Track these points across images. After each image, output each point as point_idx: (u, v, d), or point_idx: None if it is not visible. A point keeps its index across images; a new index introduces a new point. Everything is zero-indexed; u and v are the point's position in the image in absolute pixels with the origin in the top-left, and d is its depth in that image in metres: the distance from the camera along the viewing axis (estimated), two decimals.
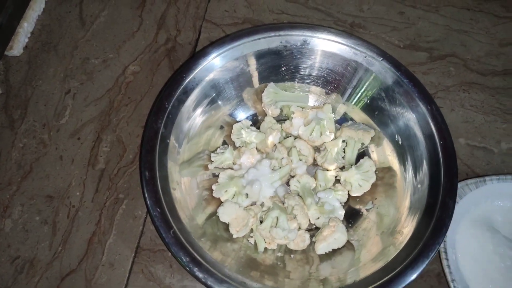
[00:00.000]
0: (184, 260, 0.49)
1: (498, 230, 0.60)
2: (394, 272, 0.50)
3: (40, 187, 0.63)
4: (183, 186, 0.59)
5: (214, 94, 0.63)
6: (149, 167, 0.54)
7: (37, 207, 0.62)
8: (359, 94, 0.65)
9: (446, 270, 0.56)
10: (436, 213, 0.53)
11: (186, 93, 0.60)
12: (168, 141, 0.57)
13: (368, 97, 0.64)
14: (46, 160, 0.65)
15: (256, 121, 0.69)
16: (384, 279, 0.49)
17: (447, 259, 0.57)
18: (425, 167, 0.57)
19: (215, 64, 0.61)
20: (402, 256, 0.52)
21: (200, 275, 0.49)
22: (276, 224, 0.57)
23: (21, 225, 0.61)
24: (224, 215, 0.57)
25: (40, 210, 0.62)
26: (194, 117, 0.62)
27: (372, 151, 0.66)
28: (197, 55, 0.61)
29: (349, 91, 0.66)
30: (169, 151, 0.57)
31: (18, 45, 0.72)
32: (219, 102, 0.64)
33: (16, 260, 0.59)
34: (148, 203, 0.52)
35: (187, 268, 0.49)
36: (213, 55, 0.61)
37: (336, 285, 0.53)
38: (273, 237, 0.56)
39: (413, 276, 0.50)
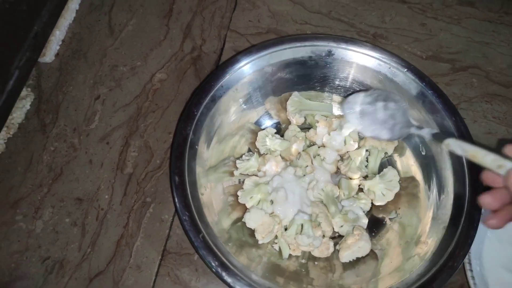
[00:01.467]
0: (213, 264, 0.50)
1: None
2: (419, 283, 0.51)
3: (70, 190, 0.65)
4: (210, 192, 0.60)
5: (241, 102, 0.64)
6: (178, 172, 0.55)
7: (67, 209, 0.64)
8: None
9: (471, 282, 0.57)
10: (461, 225, 0.53)
11: (214, 100, 0.61)
12: (196, 147, 0.59)
13: None
14: (76, 164, 0.67)
15: (279, 129, 0.70)
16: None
17: (471, 270, 0.57)
18: (449, 178, 0.58)
19: (243, 73, 0.63)
20: (427, 267, 0.52)
21: (229, 279, 0.50)
22: (301, 231, 0.58)
23: (51, 227, 0.63)
24: (251, 221, 0.58)
25: (70, 212, 0.64)
26: (221, 124, 0.63)
27: (395, 161, 0.66)
28: (225, 63, 0.63)
29: None
30: (197, 157, 0.58)
31: (50, 52, 0.75)
32: (245, 110, 0.66)
33: (46, 261, 0.60)
34: (178, 207, 0.53)
35: (216, 273, 0.50)
36: (240, 64, 0.63)
37: None
38: (298, 244, 0.57)
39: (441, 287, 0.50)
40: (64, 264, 0.60)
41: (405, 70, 0.63)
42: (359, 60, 0.65)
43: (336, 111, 0.69)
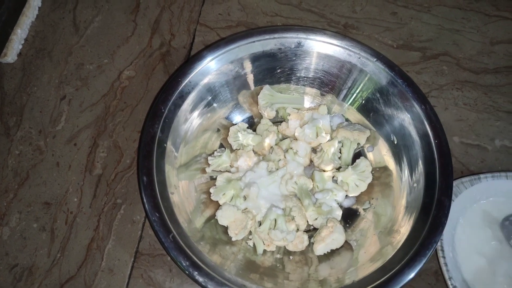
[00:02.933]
0: (184, 264, 0.49)
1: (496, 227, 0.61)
2: (392, 272, 0.51)
3: (37, 194, 0.63)
4: (181, 190, 0.59)
5: (210, 98, 0.63)
6: (146, 172, 0.54)
7: (34, 214, 0.62)
8: (354, 94, 0.66)
9: (444, 268, 0.57)
10: (432, 212, 0.53)
11: (182, 97, 0.60)
12: (165, 145, 0.57)
13: (363, 98, 0.65)
14: (43, 167, 0.65)
15: (252, 124, 0.69)
16: (382, 279, 0.50)
17: (444, 257, 0.57)
18: (420, 166, 0.58)
19: (211, 68, 0.62)
20: (400, 255, 0.53)
21: (200, 279, 0.49)
22: (275, 226, 0.57)
23: (19, 233, 0.61)
24: (223, 218, 0.57)
25: (38, 217, 0.62)
26: (190, 120, 0.62)
27: (368, 151, 0.66)
28: (192, 59, 0.61)
29: (344, 92, 0.66)
30: (166, 156, 0.57)
31: (12, 52, 0.72)
32: (215, 105, 0.65)
33: (14, 268, 0.59)
34: (147, 208, 0.52)
35: (187, 272, 0.49)
36: (208, 58, 0.61)
37: (335, 285, 0.53)
38: (272, 239, 0.56)
39: (411, 275, 0.50)
40: (33, 270, 0.59)
41: (375, 60, 0.62)
42: (328, 51, 0.64)
43: (308, 103, 0.68)
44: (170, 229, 0.51)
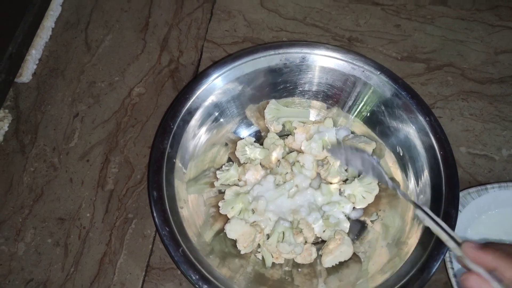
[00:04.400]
0: (194, 278, 0.51)
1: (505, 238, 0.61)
2: (400, 284, 0.51)
3: (51, 210, 0.65)
4: (190, 204, 0.60)
5: (217, 113, 0.65)
6: (157, 187, 0.55)
7: (49, 229, 0.64)
8: (359, 107, 0.66)
9: (453, 280, 0.57)
10: None
11: (191, 113, 0.62)
12: (174, 160, 0.59)
13: (368, 110, 0.66)
14: (57, 183, 0.67)
15: (259, 138, 0.70)
16: None
17: (452, 268, 0.57)
18: (426, 177, 0.59)
19: (217, 84, 0.63)
20: (408, 267, 0.53)
21: None
22: (283, 238, 0.58)
23: (33, 248, 0.62)
24: (231, 232, 0.58)
25: (52, 233, 0.63)
26: (199, 136, 0.63)
27: None
28: (199, 76, 0.63)
29: (349, 104, 0.67)
30: (175, 171, 0.59)
31: (27, 72, 0.75)
32: (223, 120, 0.66)
33: (29, 283, 0.60)
34: (157, 222, 0.53)
35: (197, 286, 0.50)
36: (215, 75, 0.63)
37: None
38: (280, 252, 0.57)
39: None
40: (48, 285, 0.60)
41: (379, 73, 0.63)
42: (333, 65, 0.65)
43: (313, 116, 0.70)
44: (180, 243, 0.53)
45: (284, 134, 0.70)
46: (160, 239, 0.52)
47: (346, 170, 0.66)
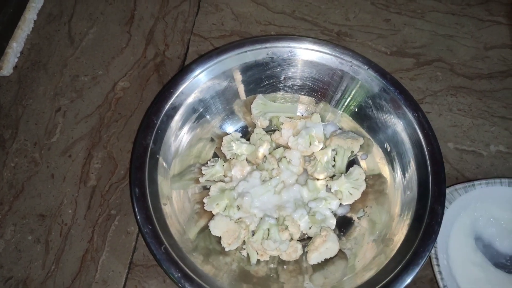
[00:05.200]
0: (176, 275, 0.49)
1: (482, 238, 0.60)
2: (384, 281, 0.51)
3: (32, 206, 0.63)
4: (174, 201, 0.59)
5: (202, 108, 0.63)
6: (139, 184, 0.54)
7: (29, 226, 0.62)
8: (347, 102, 0.66)
9: (438, 276, 0.57)
10: (425, 220, 0.53)
11: (175, 108, 0.60)
12: (158, 156, 0.58)
13: (356, 105, 0.65)
14: (38, 179, 0.65)
15: (246, 133, 0.69)
16: (377, 287, 0.49)
17: (438, 265, 0.57)
18: (413, 173, 0.58)
19: (202, 79, 0.62)
20: (393, 264, 0.52)
21: None
22: (268, 235, 0.57)
23: (13, 245, 0.61)
24: (216, 228, 0.57)
25: (33, 229, 0.62)
26: (183, 131, 0.62)
27: (362, 159, 0.66)
28: (184, 69, 0.62)
29: (336, 99, 0.66)
30: (159, 167, 0.57)
31: (7, 65, 0.73)
32: (208, 116, 0.65)
33: (9, 281, 0.59)
34: (139, 220, 0.52)
35: (179, 284, 0.49)
36: (200, 69, 0.62)
37: None
38: (265, 249, 0.56)
39: (404, 285, 0.50)
40: (28, 283, 0.59)
41: (366, 67, 0.62)
42: (320, 59, 0.64)
43: (301, 112, 0.69)
44: (162, 240, 0.51)
45: (271, 130, 0.69)
46: (142, 237, 0.51)
47: (333, 166, 0.65)
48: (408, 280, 0.50)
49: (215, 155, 0.67)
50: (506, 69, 0.77)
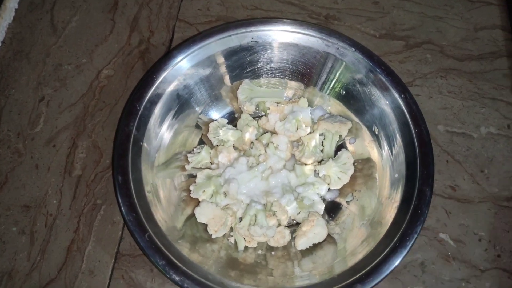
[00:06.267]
0: (160, 263, 0.49)
1: None
2: (373, 264, 0.50)
3: (16, 197, 0.62)
4: (160, 188, 0.58)
5: (186, 95, 0.62)
6: (122, 171, 0.53)
7: (13, 217, 0.61)
8: (334, 85, 0.65)
9: None
10: (413, 202, 0.52)
11: (158, 94, 0.59)
12: (141, 143, 0.57)
13: (344, 88, 0.64)
14: (22, 170, 0.64)
15: (233, 119, 0.68)
16: (359, 273, 0.49)
17: None
18: (402, 155, 0.57)
19: (186, 64, 0.61)
20: (382, 247, 0.52)
21: (177, 277, 0.48)
22: (255, 221, 0.57)
23: None
24: (201, 215, 0.56)
25: (17, 221, 0.61)
26: (168, 118, 0.61)
27: (351, 143, 0.65)
28: (167, 55, 0.60)
29: (323, 82, 0.65)
30: (142, 154, 0.57)
31: None
32: (193, 102, 0.64)
33: None
34: (122, 208, 0.51)
35: (163, 271, 0.49)
36: (183, 54, 0.61)
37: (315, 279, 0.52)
38: (252, 235, 0.56)
39: (393, 266, 0.49)
40: (13, 275, 0.58)
41: (353, 49, 0.61)
42: (306, 42, 0.63)
43: (288, 96, 0.68)
44: (146, 228, 0.51)
45: (258, 116, 0.68)
46: (125, 225, 0.50)
47: (321, 151, 0.64)
48: (397, 262, 0.49)
49: (201, 142, 0.66)
50: (497, 50, 0.76)
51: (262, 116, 0.67)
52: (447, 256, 0.60)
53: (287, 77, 0.67)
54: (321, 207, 0.60)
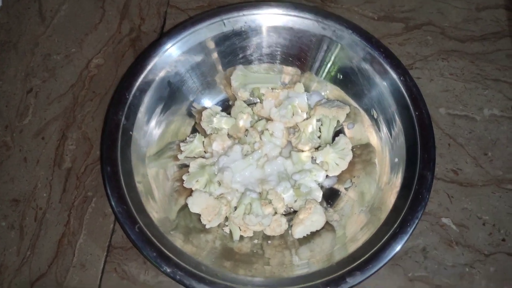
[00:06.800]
0: (151, 256, 0.47)
1: None
2: (373, 250, 0.48)
3: (4, 192, 0.61)
4: (152, 179, 0.56)
5: (177, 82, 0.60)
6: (110, 162, 0.51)
7: (2, 212, 0.60)
8: (331, 69, 0.62)
9: None
10: (414, 187, 0.50)
11: (148, 82, 0.57)
12: (131, 133, 0.55)
13: (341, 72, 0.62)
14: (10, 163, 0.63)
15: (227, 107, 0.66)
16: (359, 260, 0.47)
17: None
18: (402, 139, 0.55)
19: (177, 51, 0.59)
20: (382, 233, 0.50)
21: (168, 269, 0.46)
22: (250, 210, 0.55)
23: None
24: (194, 205, 0.55)
25: (6, 215, 0.59)
26: (159, 106, 0.59)
27: (349, 129, 0.63)
28: (157, 41, 0.58)
29: (321, 67, 0.63)
30: (132, 144, 0.55)
31: None
32: (185, 90, 0.62)
33: None
34: (111, 200, 0.50)
35: (155, 264, 0.47)
36: (173, 41, 0.58)
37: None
38: (247, 224, 0.54)
39: (393, 253, 0.47)
40: (2, 270, 0.56)
41: (350, 32, 0.59)
42: (302, 25, 0.60)
43: (283, 81, 0.65)
44: (136, 220, 0.49)
45: (253, 103, 0.66)
46: (115, 217, 0.48)
47: (318, 137, 0.62)
48: (397, 248, 0.48)
49: (194, 131, 0.64)
50: (500, 30, 0.73)
51: (256, 102, 0.65)
52: (449, 241, 0.58)
53: (282, 62, 0.64)
54: (318, 194, 0.58)
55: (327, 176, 0.60)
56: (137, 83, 0.56)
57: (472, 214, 0.59)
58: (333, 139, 0.62)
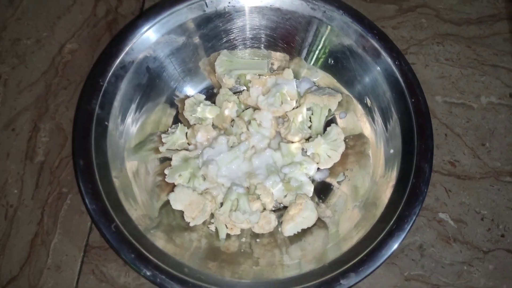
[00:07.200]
0: (128, 257, 0.43)
1: None
2: (369, 248, 0.45)
3: None
4: (130, 173, 0.52)
5: (157, 68, 0.56)
6: (83, 154, 0.47)
7: None
8: (322, 54, 0.59)
9: None
10: (411, 180, 0.47)
11: (124, 67, 0.53)
12: (106, 123, 0.50)
13: (332, 56, 0.58)
14: None
15: (212, 95, 0.62)
16: (354, 260, 0.44)
17: None
18: (397, 129, 0.52)
19: (155, 33, 0.54)
20: (377, 230, 0.47)
21: (148, 272, 0.43)
22: (237, 207, 0.51)
23: None
24: (176, 202, 0.51)
25: None
26: (137, 94, 0.55)
27: (341, 118, 0.59)
28: (133, 23, 0.54)
29: (310, 52, 0.59)
30: (108, 135, 0.50)
31: None
32: (165, 77, 0.57)
33: None
34: (85, 196, 0.46)
35: (132, 266, 0.43)
36: (151, 22, 0.54)
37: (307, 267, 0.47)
38: (234, 222, 0.50)
39: (390, 251, 0.45)
40: None
41: (341, 12, 0.55)
42: (290, 6, 0.56)
43: (271, 67, 0.61)
44: (112, 218, 0.45)
45: (239, 90, 0.62)
46: (89, 215, 0.45)
47: (309, 127, 0.58)
48: (394, 247, 0.45)
49: (176, 121, 0.60)
50: (496, 12, 0.70)
51: (243, 90, 0.61)
52: (447, 238, 0.56)
53: (269, 47, 0.61)
54: (309, 189, 0.55)
55: (318, 169, 0.57)
56: (112, 69, 0.52)
57: (470, 208, 0.57)
58: (325, 129, 0.58)
